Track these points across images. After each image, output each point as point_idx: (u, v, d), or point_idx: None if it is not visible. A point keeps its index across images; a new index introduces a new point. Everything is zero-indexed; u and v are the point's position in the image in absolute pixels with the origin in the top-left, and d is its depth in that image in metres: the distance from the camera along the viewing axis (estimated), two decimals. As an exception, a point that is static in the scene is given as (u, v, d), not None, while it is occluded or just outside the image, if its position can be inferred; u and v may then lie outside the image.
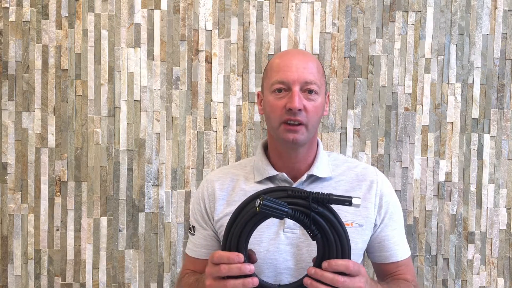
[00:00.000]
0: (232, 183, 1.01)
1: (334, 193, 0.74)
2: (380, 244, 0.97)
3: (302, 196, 0.73)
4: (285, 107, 0.91)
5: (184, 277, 0.99)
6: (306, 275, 0.76)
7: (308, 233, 0.75)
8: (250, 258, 0.79)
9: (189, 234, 1.05)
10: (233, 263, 0.73)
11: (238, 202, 0.98)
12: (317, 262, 0.75)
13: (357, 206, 0.73)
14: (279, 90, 0.93)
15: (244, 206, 0.77)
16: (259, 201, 0.70)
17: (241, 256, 0.74)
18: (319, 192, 0.73)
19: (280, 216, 0.71)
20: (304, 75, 0.92)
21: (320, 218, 0.74)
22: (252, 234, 0.77)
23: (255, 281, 0.73)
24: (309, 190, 0.75)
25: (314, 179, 0.98)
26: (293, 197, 0.74)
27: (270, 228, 0.93)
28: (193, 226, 1.03)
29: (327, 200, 0.73)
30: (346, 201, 0.72)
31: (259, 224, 0.76)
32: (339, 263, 0.73)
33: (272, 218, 0.74)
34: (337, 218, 0.75)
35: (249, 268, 0.74)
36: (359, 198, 0.72)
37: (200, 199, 1.02)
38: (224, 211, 0.98)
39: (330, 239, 0.74)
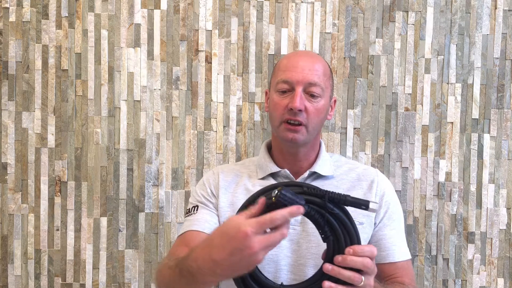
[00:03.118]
0: (236, 179, 1.02)
1: (350, 195, 0.69)
2: (377, 243, 0.97)
3: (318, 194, 0.69)
4: (287, 107, 0.92)
5: (164, 264, 0.87)
6: (314, 276, 0.73)
7: (320, 234, 0.71)
8: None
9: (186, 217, 0.99)
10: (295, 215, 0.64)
11: (240, 198, 0.98)
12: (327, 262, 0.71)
13: (374, 211, 0.69)
14: (283, 89, 0.94)
15: (258, 196, 0.73)
16: (276, 191, 0.65)
17: (301, 208, 0.65)
18: (335, 192, 0.69)
19: None
20: (308, 76, 0.93)
21: (333, 219, 0.70)
22: None
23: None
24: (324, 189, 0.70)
25: (316, 176, 0.99)
26: (308, 194, 0.70)
27: None
28: (195, 206, 1.00)
29: (343, 201, 0.69)
30: (363, 204, 0.68)
31: None
32: (366, 249, 0.69)
33: None
34: (351, 221, 0.71)
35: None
36: (377, 203, 0.69)
37: (206, 185, 1.02)
38: (226, 202, 0.98)
39: (341, 242, 0.70)
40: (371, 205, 0.68)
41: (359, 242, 0.72)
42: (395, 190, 1.43)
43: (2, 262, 1.43)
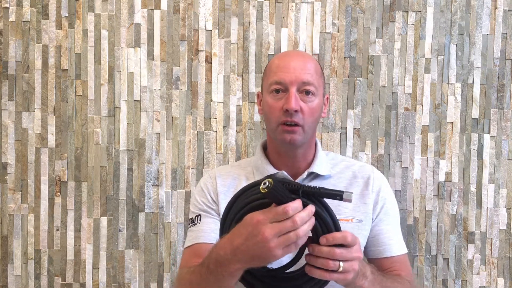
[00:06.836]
0: (234, 182, 1.01)
1: (325, 187, 0.70)
2: (374, 238, 0.99)
3: (292, 189, 0.69)
4: (282, 108, 0.92)
5: (183, 273, 0.91)
6: (291, 263, 0.75)
7: None
8: None
9: (190, 227, 0.99)
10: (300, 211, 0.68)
11: None
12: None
13: (349, 200, 0.69)
14: (277, 91, 0.94)
15: (246, 189, 0.73)
16: (267, 183, 0.64)
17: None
18: (310, 186, 0.70)
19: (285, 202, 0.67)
20: (301, 76, 0.93)
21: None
22: None
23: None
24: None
25: (314, 176, 0.99)
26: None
27: None
28: (198, 215, 1.00)
29: (318, 193, 0.69)
30: (337, 195, 0.68)
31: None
32: (337, 236, 0.70)
33: None
34: (329, 211, 0.71)
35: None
36: (351, 192, 0.69)
37: (205, 191, 1.02)
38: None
39: (319, 232, 0.71)
40: (345, 195, 0.68)
41: (337, 230, 0.72)
42: (395, 190, 1.44)
43: (2, 262, 1.43)
